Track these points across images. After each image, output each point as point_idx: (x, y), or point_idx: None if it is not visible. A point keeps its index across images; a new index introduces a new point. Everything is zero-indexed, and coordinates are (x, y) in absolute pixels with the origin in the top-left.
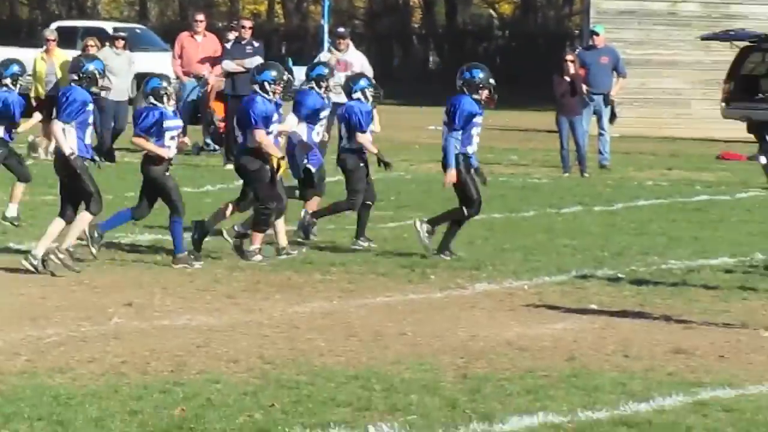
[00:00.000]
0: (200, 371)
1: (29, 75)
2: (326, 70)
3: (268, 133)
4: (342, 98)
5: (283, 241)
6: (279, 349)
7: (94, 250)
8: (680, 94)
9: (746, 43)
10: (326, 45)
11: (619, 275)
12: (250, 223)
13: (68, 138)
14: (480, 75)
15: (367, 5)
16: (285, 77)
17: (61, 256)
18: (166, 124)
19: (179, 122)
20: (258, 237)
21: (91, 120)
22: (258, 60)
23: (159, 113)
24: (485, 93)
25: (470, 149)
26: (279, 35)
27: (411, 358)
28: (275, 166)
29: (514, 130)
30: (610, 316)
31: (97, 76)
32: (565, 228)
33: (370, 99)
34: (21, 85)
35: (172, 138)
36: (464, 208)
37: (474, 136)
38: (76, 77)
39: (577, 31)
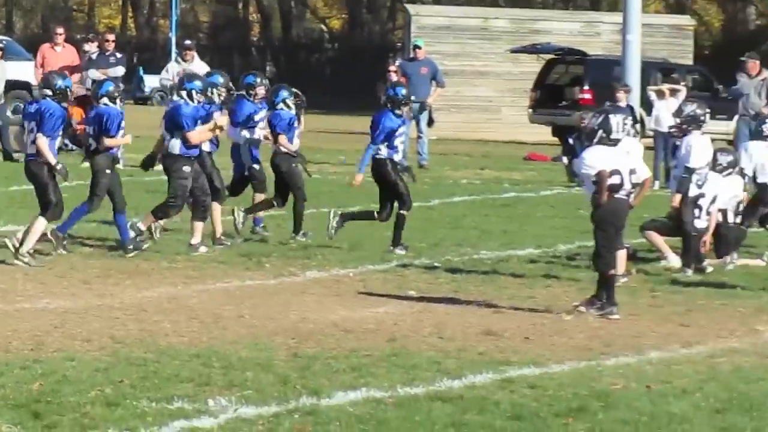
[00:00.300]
0: (57, 350)
1: None
2: (257, 80)
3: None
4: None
5: (218, 231)
6: (128, 329)
7: (62, 251)
8: (491, 102)
9: (551, 56)
10: (173, 56)
11: (436, 264)
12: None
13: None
14: (402, 92)
15: (210, 19)
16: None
17: (25, 259)
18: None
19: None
20: (149, 219)
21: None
22: (121, 70)
23: (119, 113)
24: (406, 108)
25: (396, 156)
26: (131, 46)
27: (247, 338)
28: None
29: (343, 133)
30: (427, 301)
31: (68, 92)
32: (387, 222)
33: (293, 107)
34: None
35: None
36: (400, 209)
37: (399, 145)
38: (51, 93)
39: (399, 44)
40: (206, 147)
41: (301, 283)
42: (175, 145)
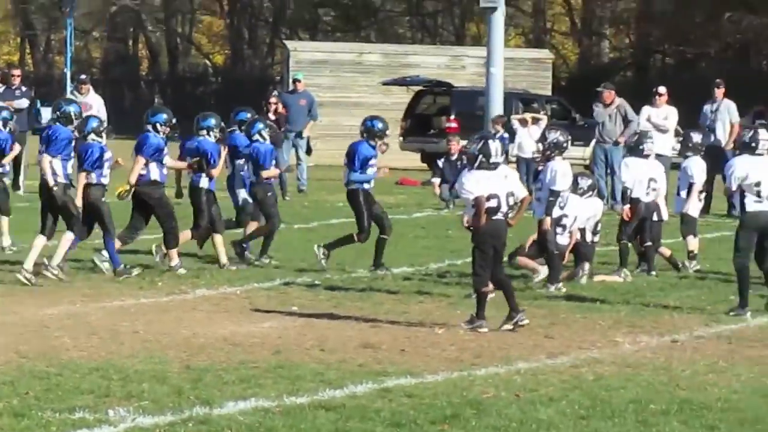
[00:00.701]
0: None
1: None
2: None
3: (161, 164)
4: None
5: (223, 260)
6: (32, 345)
7: (60, 276)
8: None
9: (420, 88)
10: (69, 89)
11: (316, 282)
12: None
13: (56, 169)
14: (379, 125)
15: (102, 55)
16: (173, 121)
17: (55, 271)
18: (106, 156)
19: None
20: (172, 253)
21: (72, 153)
22: (25, 102)
23: (100, 148)
24: (380, 141)
25: (367, 185)
26: (29, 81)
27: (143, 352)
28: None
29: None
30: (309, 316)
31: (73, 116)
32: (273, 243)
33: (267, 138)
34: None
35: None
36: (356, 234)
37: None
38: (56, 116)
39: (278, 78)
40: (205, 184)
41: (192, 301)
42: (154, 173)
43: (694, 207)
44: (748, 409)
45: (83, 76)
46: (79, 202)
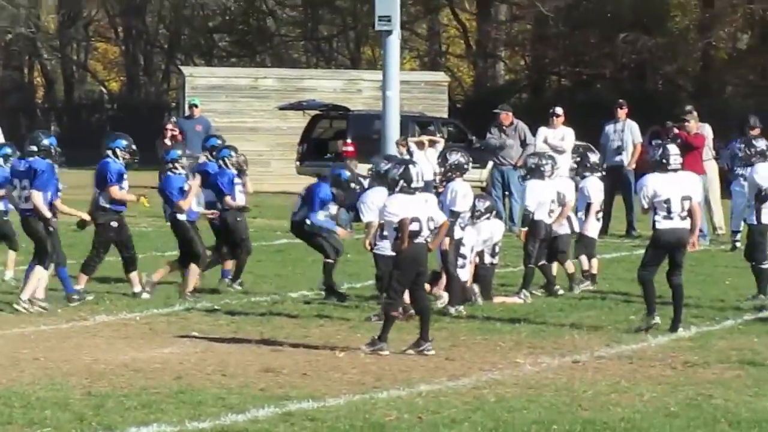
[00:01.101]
0: None
1: None
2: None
3: (121, 188)
4: None
5: (190, 287)
6: None
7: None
8: (262, 155)
9: (316, 112)
10: None
11: (216, 307)
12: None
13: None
14: (346, 175)
15: None
16: (133, 147)
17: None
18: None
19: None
20: (82, 278)
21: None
22: None
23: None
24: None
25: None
26: None
27: (44, 379)
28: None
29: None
30: (209, 341)
31: (52, 150)
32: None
33: (232, 166)
34: None
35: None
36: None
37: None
38: (35, 149)
39: (174, 103)
40: (183, 217)
41: (92, 327)
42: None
43: (592, 227)
44: (651, 428)
45: None
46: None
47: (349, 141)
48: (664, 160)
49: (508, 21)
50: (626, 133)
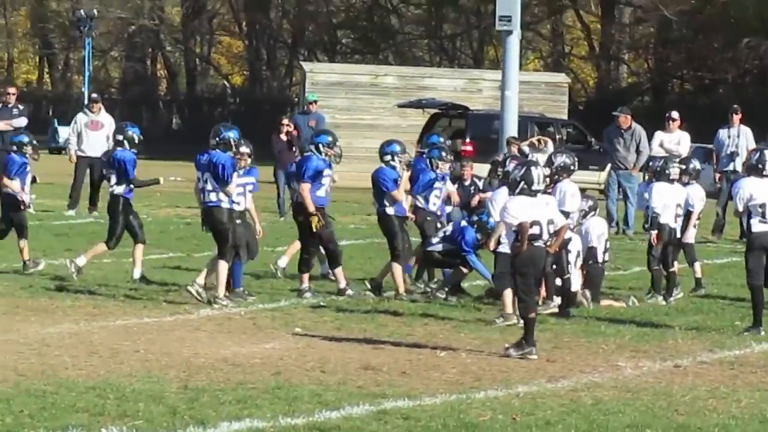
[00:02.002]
0: None
1: None
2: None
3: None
4: None
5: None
6: (31, 363)
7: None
8: None
9: (435, 111)
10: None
11: (321, 303)
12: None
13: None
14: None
15: (121, 75)
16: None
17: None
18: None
19: None
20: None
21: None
22: (24, 120)
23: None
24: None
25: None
26: (47, 100)
27: (141, 372)
28: None
29: None
30: (312, 338)
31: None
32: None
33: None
34: None
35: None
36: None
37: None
38: (215, 142)
39: (296, 99)
40: (392, 211)
41: (195, 320)
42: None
43: (690, 234)
44: None
45: (95, 95)
46: None
47: (467, 140)
48: (760, 165)
49: (632, 24)
50: (741, 139)
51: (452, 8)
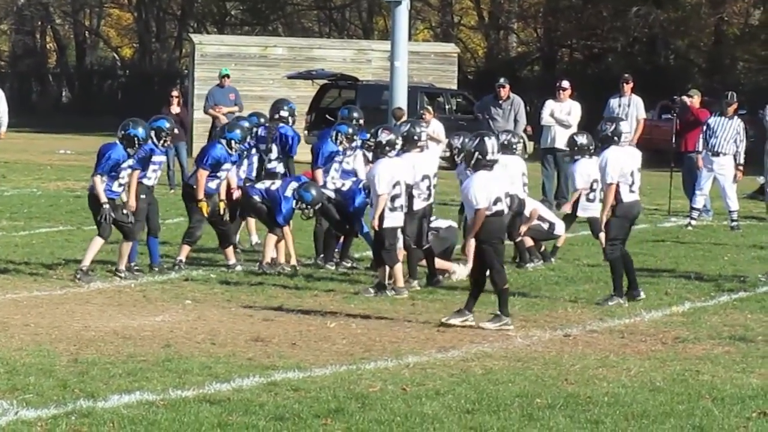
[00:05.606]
0: None
1: None
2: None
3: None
4: None
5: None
6: None
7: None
8: None
9: (325, 81)
10: None
11: (212, 276)
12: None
13: None
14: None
15: (10, 49)
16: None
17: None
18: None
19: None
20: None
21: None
22: None
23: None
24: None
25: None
26: None
27: (32, 345)
28: None
29: None
30: (202, 310)
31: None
32: (171, 236)
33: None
34: None
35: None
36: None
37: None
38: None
39: (186, 71)
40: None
41: (86, 294)
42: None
43: (584, 208)
44: (634, 404)
45: None
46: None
47: None
48: (616, 137)
49: None
50: (631, 109)
51: None
